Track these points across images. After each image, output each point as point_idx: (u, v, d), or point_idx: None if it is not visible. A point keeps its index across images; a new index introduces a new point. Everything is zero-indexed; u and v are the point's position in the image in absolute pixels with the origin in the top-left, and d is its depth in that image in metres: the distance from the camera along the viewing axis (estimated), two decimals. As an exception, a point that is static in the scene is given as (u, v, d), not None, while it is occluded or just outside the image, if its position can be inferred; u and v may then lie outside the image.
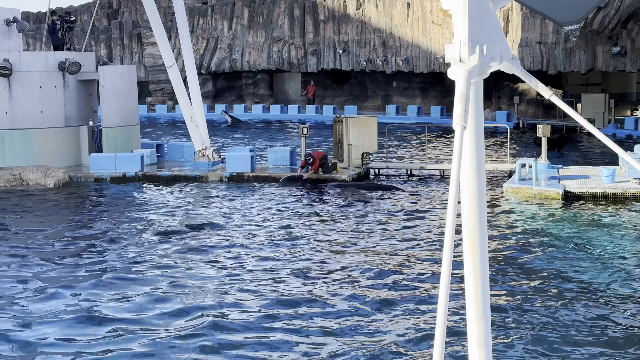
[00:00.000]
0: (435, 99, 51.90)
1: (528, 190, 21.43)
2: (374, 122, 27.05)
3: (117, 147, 27.86)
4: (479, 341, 3.23)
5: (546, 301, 12.74)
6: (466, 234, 3.17)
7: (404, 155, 32.06)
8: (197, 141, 27.13)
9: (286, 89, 56.52)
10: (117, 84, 28.49)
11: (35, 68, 27.60)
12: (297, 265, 15.24)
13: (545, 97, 3.16)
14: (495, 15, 3.10)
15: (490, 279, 4.12)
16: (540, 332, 11.33)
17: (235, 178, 25.63)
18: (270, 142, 37.22)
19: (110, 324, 11.92)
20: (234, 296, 13.25)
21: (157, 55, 50.02)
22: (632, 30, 40.02)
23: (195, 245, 16.94)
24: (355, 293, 13.32)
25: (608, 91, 43.52)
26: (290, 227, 18.63)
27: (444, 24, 46.86)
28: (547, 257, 15.61)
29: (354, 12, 51.19)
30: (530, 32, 42.71)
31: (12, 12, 29.75)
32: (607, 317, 11.98)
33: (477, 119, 3.13)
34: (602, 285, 13.62)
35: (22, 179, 25.45)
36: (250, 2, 54.45)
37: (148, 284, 14.02)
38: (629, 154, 3.22)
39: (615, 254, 15.84)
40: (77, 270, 14.98)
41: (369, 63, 50.92)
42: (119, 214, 20.75)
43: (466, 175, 3.15)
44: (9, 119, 27.35)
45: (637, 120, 38.29)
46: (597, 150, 33.06)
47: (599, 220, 18.95)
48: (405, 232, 18.04)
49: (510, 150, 27.90)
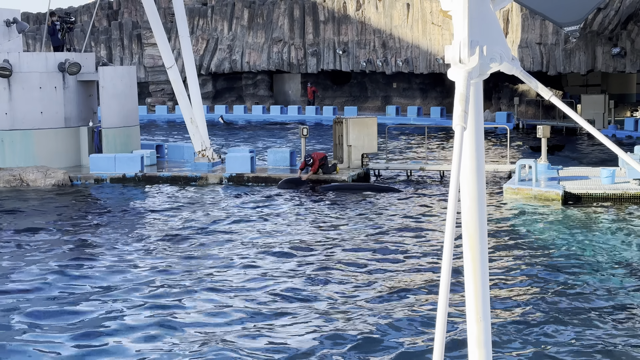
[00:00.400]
0: (435, 99, 51.91)
1: (528, 191, 21.42)
2: (374, 123, 27.05)
3: (116, 147, 27.86)
4: (479, 342, 3.23)
5: (545, 302, 12.73)
6: (466, 234, 3.17)
7: (403, 156, 32.06)
8: (197, 142, 27.13)
9: (286, 90, 56.53)
10: (117, 84, 28.49)
11: (35, 69, 27.60)
12: (297, 266, 15.23)
13: (545, 98, 3.16)
14: (495, 16, 3.10)
15: (490, 280, 4.12)
16: (540, 332, 11.33)
17: (235, 179, 25.63)
18: (270, 143, 37.24)
19: (109, 324, 11.92)
20: (233, 296, 13.24)
21: (157, 56, 50.02)
22: (632, 31, 40.02)
23: (194, 246, 16.94)
24: (354, 294, 13.31)
25: (608, 92, 43.52)
26: (289, 230, 18.63)
27: (444, 25, 46.87)
28: (546, 257, 15.61)
29: (354, 13, 51.20)
30: (530, 33, 42.72)
31: (12, 13, 29.76)
32: (606, 317, 11.97)
33: (477, 120, 3.13)
34: (602, 286, 13.62)
35: (21, 180, 25.45)
36: (250, 3, 54.47)
37: (148, 285, 14.02)
38: (629, 154, 3.22)
39: (615, 255, 15.83)
40: (76, 271, 14.97)
41: (368, 64, 50.93)
42: (118, 215, 20.74)
43: (466, 176, 3.15)
44: (8, 120, 27.35)
45: (636, 121, 38.30)
46: (597, 151, 33.06)
47: (599, 221, 18.95)
48: (404, 233, 18.03)
49: (510, 151, 27.90)
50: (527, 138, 37.35)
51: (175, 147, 30.28)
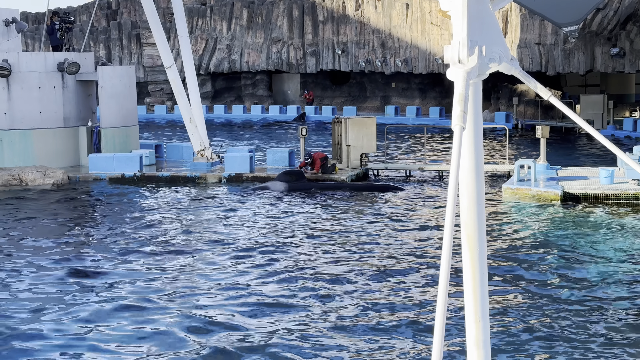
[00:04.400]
0: (434, 99, 51.93)
1: (527, 191, 21.42)
2: (373, 123, 27.04)
3: (115, 147, 27.85)
4: (478, 342, 3.23)
5: (544, 302, 12.74)
6: (465, 234, 3.17)
7: (402, 156, 32.06)
8: (196, 142, 27.12)
9: (285, 90, 56.53)
10: (116, 84, 28.48)
11: (34, 68, 27.58)
12: (294, 267, 15.23)
13: (544, 98, 3.16)
14: (494, 16, 3.10)
15: (489, 280, 4.13)
16: (539, 333, 11.33)
17: (234, 179, 25.62)
18: (269, 143, 37.24)
19: (107, 324, 11.92)
20: (233, 297, 13.23)
21: (156, 55, 50.00)
22: (631, 32, 40.03)
23: (193, 247, 16.93)
24: (353, 294, 13.31)
25: (607, 92, 43.54)
26: (289, 230, 18.63)
27: (443, 25, 46.87)
28: (545, 258, 15.61)
29: (353, 13, 51.21)
30: (529, 33, 42.73)
31: (11, 13, 29.73)
32: (605, 317, 11.97)
33: (476, 120, 3.13)
34: (601, 286, 13.62)
35: (20, 180, 25.44)
36: (249, 3, 54.46)
37: (145, 285, 14.01)
38: (628, 155, 3.22)
39: (614, 255, 15.84)
40: (75, 271, 14.96)
41: (367, 64, 50.93)
42: (117, 215, 20.73)
43: (465, 176, 3.15)
44: (7, 120, 27.34)
45: (635, 121, 38.32)
46: (596, 151, 33.07)
47: (598, 221, 18.95)
48: (403, 233, 18.03)
49: (509, 151, 27.90)
50: (527, 138, 37.36)
51: (174, 147, 30.27)
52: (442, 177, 25.92)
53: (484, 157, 3.25)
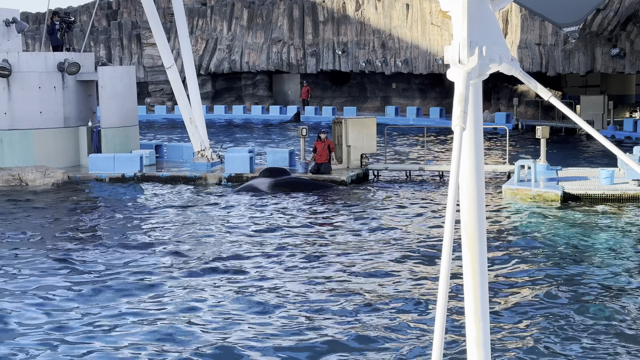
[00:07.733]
0: (435, 100, 51.92)
1: (527, 191, 21.42)
2: (373, 124, 27.04)
3: (116, 147, 27.86)
4: (478, 342, 3.23)
5: (544, 302, 12.74)
6: (465, 235, 3.18)
7: (403, 157, 32.06)
8: (196, 142, 27.13)
9: (285, 90, 56.55)
10: (116, 84, 28.49)
11: (34, 68, 27.59)
12: (293, 266, 15.24)
13: (544, 99, 3.16)
14: (494, 17, 3.10)
15: (489, 280, 4.13)
16: (539, 333, 11.34)
17: (234, 179, 25.62)
18: (269, 143, 37.24)
19: (107, 324, 11.92)
20: (231, 297, 13.24)
21: (156, 56, 49.99)
22: (631, 32, 40.03)
23: (192, 246, 16.93)
24: (353, 295, 13.31)
25: (607, 93, 43.54)
26: (287, 230, 18.63)
27: (443, 25, 46.87)
28: (545, 258, 15.62)
29: (353, 13, 51.21)
30: (530, 33, 42.73)
31: (12, 13, 29.75)
32: (605, 317, 11.98)
33: (476, 121, 3.13)
34: (601, 287, 13.63)
35: (21, 180, 25.45)
36: (249, 3, 54.47)
37: (146, 285, 14.02)
38: (628, 155, 3.22)
39: (614, 256, 15.84)
40: (74, 272, 14.97)
41: (368, 64, 50.94)
42: (117, 215, 20.73)
43: (465, 177, 3.15)
44: (8, 120, 27.35)
45: (636, 122, 38.31)
46: (596, 152, 33.07)
47: (598, 221, 18.95)
48: (403, 233, 18.04)
49: (510, 152, 27.91)
50: (527, 138, 37.36)
51: (175, 147, 30.28)
52: (443, 177, 25.92)
53: (484, 157, 3.25)
